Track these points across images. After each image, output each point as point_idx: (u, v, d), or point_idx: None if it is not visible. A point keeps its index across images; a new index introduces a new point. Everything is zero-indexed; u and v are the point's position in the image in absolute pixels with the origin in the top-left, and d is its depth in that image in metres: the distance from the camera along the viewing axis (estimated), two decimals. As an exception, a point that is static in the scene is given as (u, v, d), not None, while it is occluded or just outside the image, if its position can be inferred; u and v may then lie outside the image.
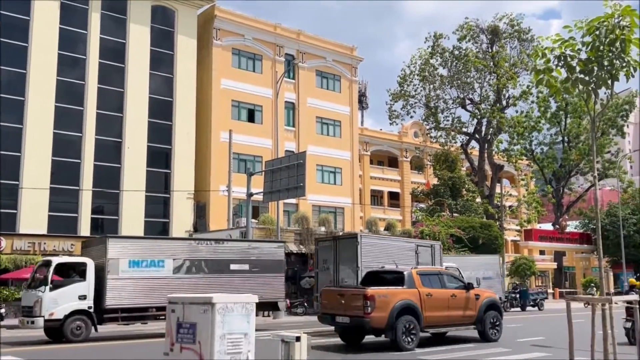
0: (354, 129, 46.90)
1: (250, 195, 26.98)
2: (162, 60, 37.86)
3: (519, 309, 35.71)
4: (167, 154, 37.37)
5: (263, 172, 27.84)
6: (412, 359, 13.12)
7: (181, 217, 36.82)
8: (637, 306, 9.03)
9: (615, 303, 8.46)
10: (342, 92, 46.41)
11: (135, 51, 36.48)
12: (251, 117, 41.15)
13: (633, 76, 8.28)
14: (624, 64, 8.15)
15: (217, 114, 39.19)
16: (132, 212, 34.94)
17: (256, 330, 7.63)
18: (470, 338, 16.86)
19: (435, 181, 52.23)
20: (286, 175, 25.25)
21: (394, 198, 57.59)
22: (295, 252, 32.91)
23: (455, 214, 46.37)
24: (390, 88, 53.44)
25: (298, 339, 7.14)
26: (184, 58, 38.33)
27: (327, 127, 45.09)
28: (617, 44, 7.98)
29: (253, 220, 31.68)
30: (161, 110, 37.25)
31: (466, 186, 50.42)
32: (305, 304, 31.48)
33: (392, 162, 58.86)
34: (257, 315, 19.69)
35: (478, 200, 50.41)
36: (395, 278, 15.37)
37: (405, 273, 15.33)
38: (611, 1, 8.05)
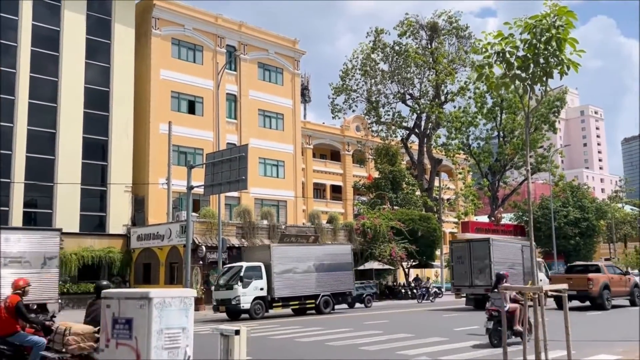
0: (297, 122, 46.87)
1: (190, 188, 26.50)
2: (98, 50, 36.64)
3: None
4: (104, 146, 36.26)
5: (204, 165, 27.38)
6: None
7: (119, 211, 35.87)
8: (566, 294, 9.42)
9: (546, 292, 8.79)
10: (285, 85, 46.26)
11: (70, 39, 35.17)
12: (191, 109, 40.44)
13: (567, 74, 8.56)
14: (559, 62, 8.42)
15: (156, 105, 38.29)
16: (67, 206, 33.77)
17: (197, 325, 7.51)
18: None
19: (376, 175, 52.90)
20: (228, 168, 24.93)
21: (336, 191, 58.03)
22: (237, 245, 32.63)
23: (395, 207, 47.13)
24: (332, 82, 53.74)
25: (237, 332, 7.06)
26: (121, 47, 37.21)
27: (270, 119, 44.86)
28: (553, 42, 8.24)
29: (194, 213, 31.21)
30: (97, 100, 36.11)
31: (406, 179, 51.33)
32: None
33: (335, 155, 59.24)
34: None
35: (417, 193, 51.43)
36: (595, 268, 25.53)
37: (599, 264, 26.30)
38: (550, 1, 8.30)
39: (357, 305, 29.49)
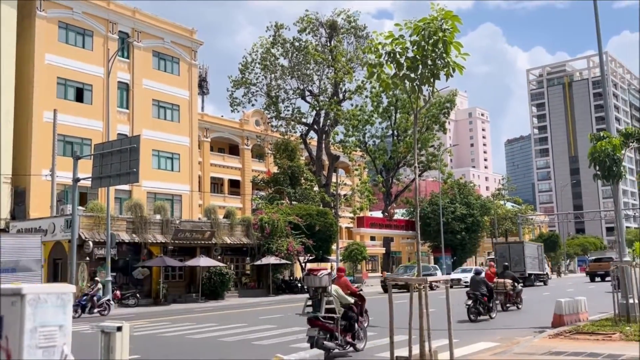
0: (194, 114, 45.82)
1: (76, 180, 25.17)
2: (-25, 28, 33.79)
3: None
4: (-20, 134, 33.52)
5: (92, 156, 26.12)
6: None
7: (-4, 204, 33.35)
8: (449, 285, 9.91)
9: (430, 283, 9.18)
10: (181, 75, 45.06)
11: (-59, 15, 32.17)
12: (79, 97, 38.34)
13: (452, 76, 8.96)
14: (445, 64, 8.80)
15: (40, 92, 35.93)
16: None
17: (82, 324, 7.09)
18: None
19: (275, 170, 52.96)
20: (118, 159, 23.93)
21: (235, 186, 57.46)
22: (127, 241, 31.40)
23: (294, 202, 47.43)
24: (231, 75, 53.17)
25: (119, 328, 6.76)
26: (1, 29, 34.52)
27: (165, 110, 43.51)
28: (440, 45, 8.59)
29: (80, 207, 29.73)
30: (-27, 84, 33.30)
31: (305, 175, 51.82)
32: (138, 295, 30.26)
33: (233, 149, 58.60)
34: None
35: (316, 188, 52.08)
36: (608, 259, 41.45)
37: (613, 256, 39.98)
38: (437, 1, 8.64)
39: None
